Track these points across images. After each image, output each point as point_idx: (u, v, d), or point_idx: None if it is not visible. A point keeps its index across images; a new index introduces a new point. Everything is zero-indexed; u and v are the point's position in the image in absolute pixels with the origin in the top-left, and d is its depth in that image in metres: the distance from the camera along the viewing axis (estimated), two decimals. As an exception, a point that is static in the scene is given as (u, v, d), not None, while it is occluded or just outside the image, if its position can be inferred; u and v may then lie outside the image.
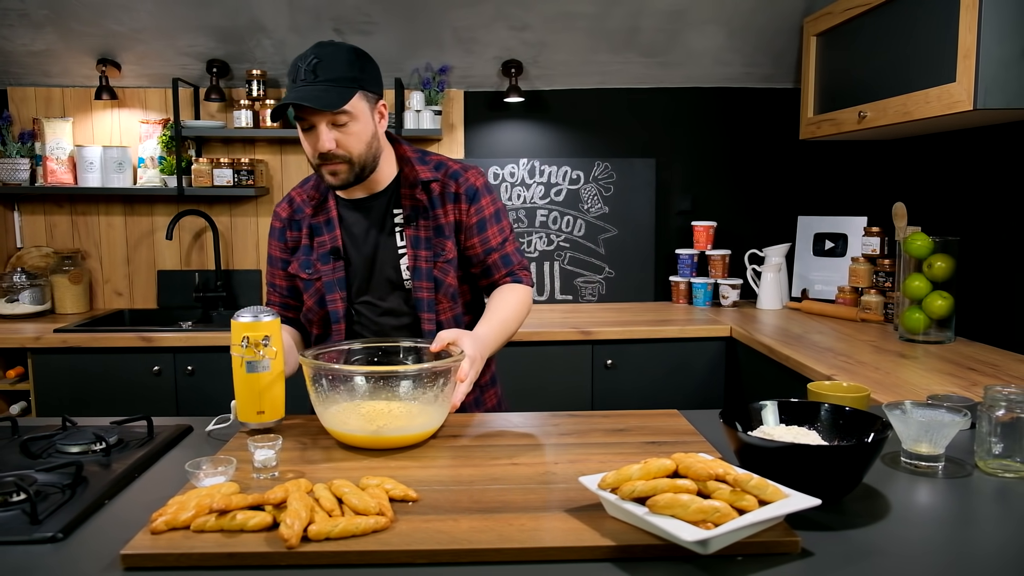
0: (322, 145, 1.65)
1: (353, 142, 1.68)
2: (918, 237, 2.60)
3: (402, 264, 1.82)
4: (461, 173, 1.85)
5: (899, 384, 2.05)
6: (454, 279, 1.85)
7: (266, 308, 1.54)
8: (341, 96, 1.63)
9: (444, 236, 1.82)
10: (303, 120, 1.66)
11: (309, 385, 1.48)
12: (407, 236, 1.81)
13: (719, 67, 3.49)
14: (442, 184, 1.83)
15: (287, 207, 1.89)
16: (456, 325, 1.87)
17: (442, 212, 1.82)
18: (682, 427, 1.60)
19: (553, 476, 1.32)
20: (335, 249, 1.82)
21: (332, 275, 1.82)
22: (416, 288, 1.82)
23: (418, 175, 1.81)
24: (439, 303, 1.84)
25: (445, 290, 1.83)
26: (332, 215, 1.83)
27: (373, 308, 1.85)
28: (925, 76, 2.33)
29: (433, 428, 1.50)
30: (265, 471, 1.32)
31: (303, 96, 1.60)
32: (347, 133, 1.66)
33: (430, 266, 1.81)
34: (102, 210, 3.48)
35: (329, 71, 1.62)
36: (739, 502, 1.07)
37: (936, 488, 1.30)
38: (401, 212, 1.82)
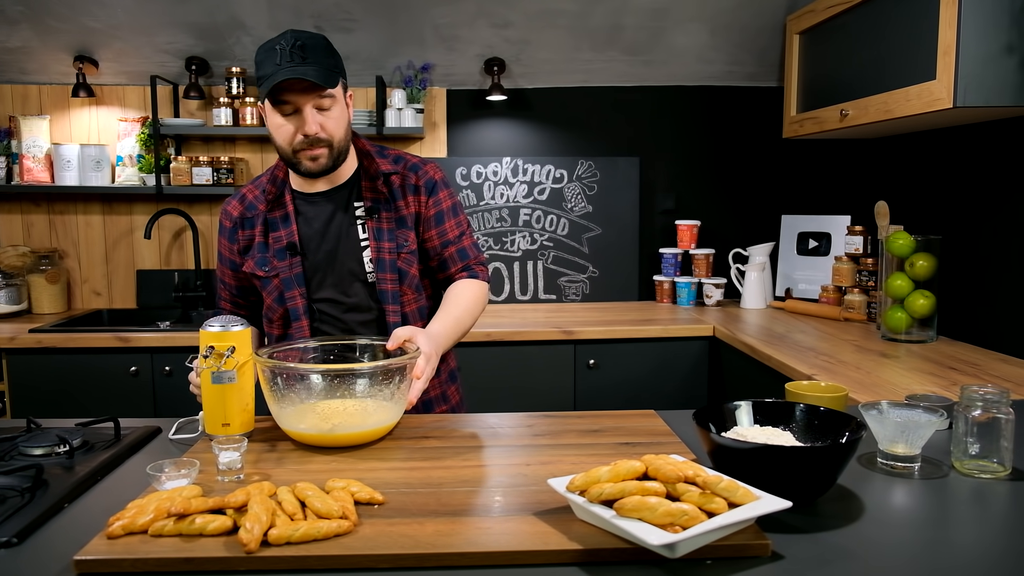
0: (309, 127, 1.63)
1: (335, 127, 1.68)
2: (900, 236, 2.59)
3: (365, 257, 1.80)
4: (420, 166, 1.85)
5: (879, 384, 2.04)
6: (417, 270, 1.84)
7: (237, 318, 1.51)
8: (331, 76, 1.63)
9: (406, 227, 1.81)
10: (286, 104, 1.63)
11: (264, 385, 1.46)
12: (369, 228, 1.79)
13: (702, 65, 3.47)
14: (402, 176, 1.82)
15: (238, 205, 1.85)
16: (420, 317, 1.86)
17: (403, 204, 1.81)
18: (658, 428, 1.59)
19: (524, 478, 1.30)
20: (291, 245, 1.79)
21: (290, 271, 1.79)
22: (380, 280, 1.79)
23: (379, 167, 1.81)
24: (403, 295, 1.82)
25: (409, 281, 1.82)
26: (288, 210, 1.80)
27: (336, 305, 1.82)
28: (906, 74, 2.32)
29: (389, 425, 1.49)
30: (230, 473, 1.29)
31: (301, 72, 1.57)
32: (330, 117, 1.66)
33: (394, 257, 1.79)
34: (80, 209, 3.44)
35: (314, 54, 1.61)
36: (708, 505, 1.05)
37: (912, 489, 1.29)
38: (363, 204, 1.80)
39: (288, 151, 1.69)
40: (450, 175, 3.52)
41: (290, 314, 1.80)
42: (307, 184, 1.80)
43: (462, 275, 1.87)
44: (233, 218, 1.85)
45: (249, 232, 1.83)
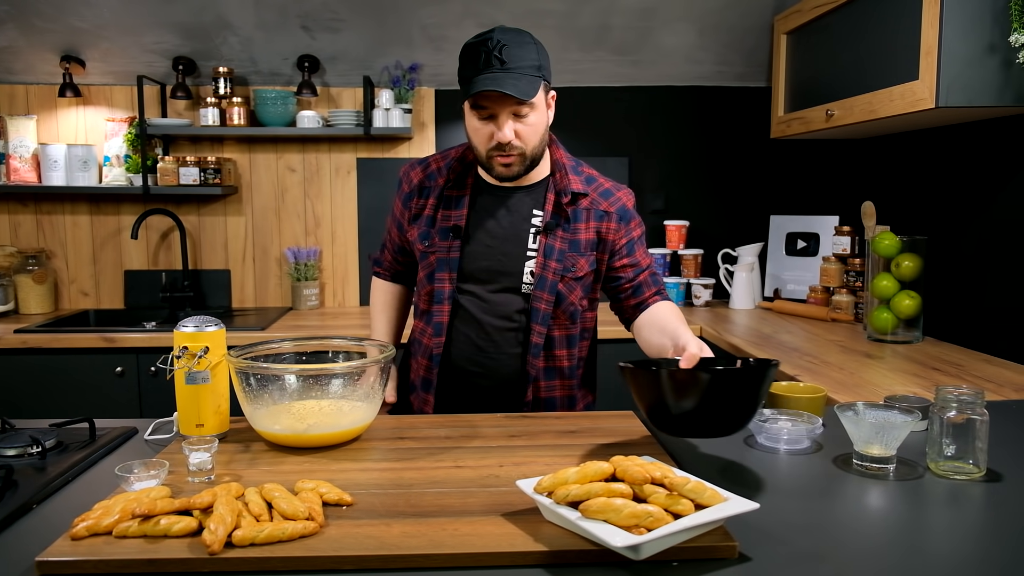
0: (503, 136, 1.61)
1: (531, 134, 1.65)
2: (886, 236, 2.59)
3: (527, 268, 1.76)
4: (613, 192, 1.81)
5: (861, 384, 2.04)
6: (577, 298, 1.79)
7: (212, 319, 1.50)
8: (531, 85, 1.58)
9: (579, 252, 1.76)
10: (484, 108, 1.61)
11: (236, 386, 1.45)
12: (541, 242, 1.75)
13: (691, 65, 3.47)
14: (591, 200, 1.77)
15: (420, 173, 1.84)
16: (569, 347, 1.82)
17: (583, 227, 1.76)
18: (635, 429, 1.58)
19: (496, 479, 1.30)
20: (456, 228, 1.76)
21: (447, 253, 1.77)
22: (535, 298, 1.75)
23: (570, 184, 1.76)
24: (556, 318, 1.77)
25: (566, 307, 1.77)
26: (467, 192, 1.78)
27: (478, 303, 1.77)
28: (889, 74, 2.32)
29: (364, 425, 1.49)
30: (200, 474, 1.29)
31: (499, 83, 1.54)
32: (526, 124, 1.63)
33: (556, 279, 1.74)
34: (67, 209, 3.43)
35: (517, 58, 1.58)
36: (675, 506, 1.04)
37: (886, 491, 1.28)
38: (542, 216, 1.76)
39: (483, 154, 1.67)
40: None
41: (434, 295, 1.79)
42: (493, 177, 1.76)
43: (656, 299, 1.82)
44: (412, 184, 1.84)
45: (422, 202, 1.82)
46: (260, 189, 3.50)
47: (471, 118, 1.65)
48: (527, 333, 1.77)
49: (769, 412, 1.57)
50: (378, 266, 2.04)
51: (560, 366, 1.82)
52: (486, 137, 1.64)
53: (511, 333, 1.78)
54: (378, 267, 2.04)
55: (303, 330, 3.01)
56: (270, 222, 3.51)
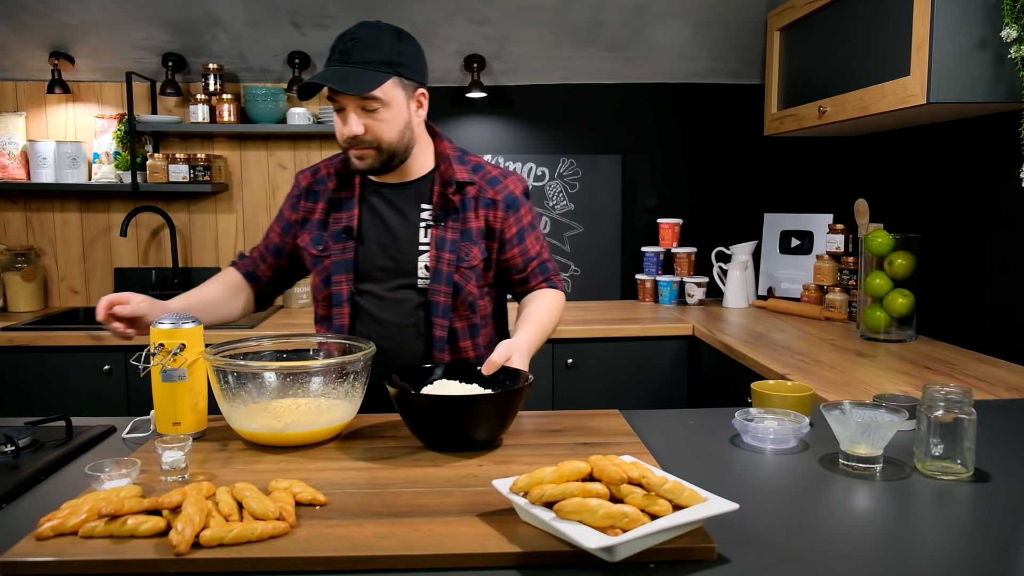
0: (349, 129, 1.61)
1: (383, 129, 1.63)
2: (879, 234, 2.56)
3: (420, 262, 1.75)
4: (500, 180, 1.80)
5: (852, 383, 2.02)
6: (475, 287, 1.79)
7: (189, 316, 1.48)
8: (372, 80, 1.57)
9: (471, 240, 1.76)
10: (335, 101, 1.62)
11: (214, 384, 1.43)
12: (432, 235, 1.75)
13: (684, 62, 3.45)
14: (479, 188, 1.77)
15: (309, 177, 1.85)
16: (471, 336, 1.82)
17: (473, 216, 1.76)
18: (619, 428, 1.56)
19: (474, 479, 1.27)
20: (348, 228, 1.76)
21: (341, 255, 1.76)
22: (433, 291, 1.75)
23: (455, 174, 1.76)
24: (456, 310, 1.77)
25: (464, 297, 1.77)
26: (355, 193, 1.78)
27: (377, 301, 1.77)
28: (881, 70, 2.30)
29: (343, 423, 1.47)
30: (173, 473, 1.27)
31: (329, 76, 1.56)
32: (377, 119, 1.62)
33: (451, 270, 1.74)
34: (57, 206, 3.41)
35: (364, 52, 1.57)
36: (652, 507, 1.02)
37: (872, 491, 1.26)
38: (431, 209, 1.76)
39: (342, 146, 1.68)
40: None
41: (333, 299, 1.78)
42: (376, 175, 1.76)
43: (542, 286, 1.86)
44: (301, 188, 1.84)
45: (311, 205, 1.82)
46: (251, 186, 3.47)
47: (333, 112, 1.67)
48: (429, 328, 1.76)
49: (756, 411, 1.55)
50: (239, 259, 1.96)
51: (467, 357, 1.81)
52: (340, 131, 1.65)
53: (412, 329, 1.77)
54: (237, 261, 1.95)
55: (292, 328, 2.99)
56: (261, 220, 3.48)
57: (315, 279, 1.82)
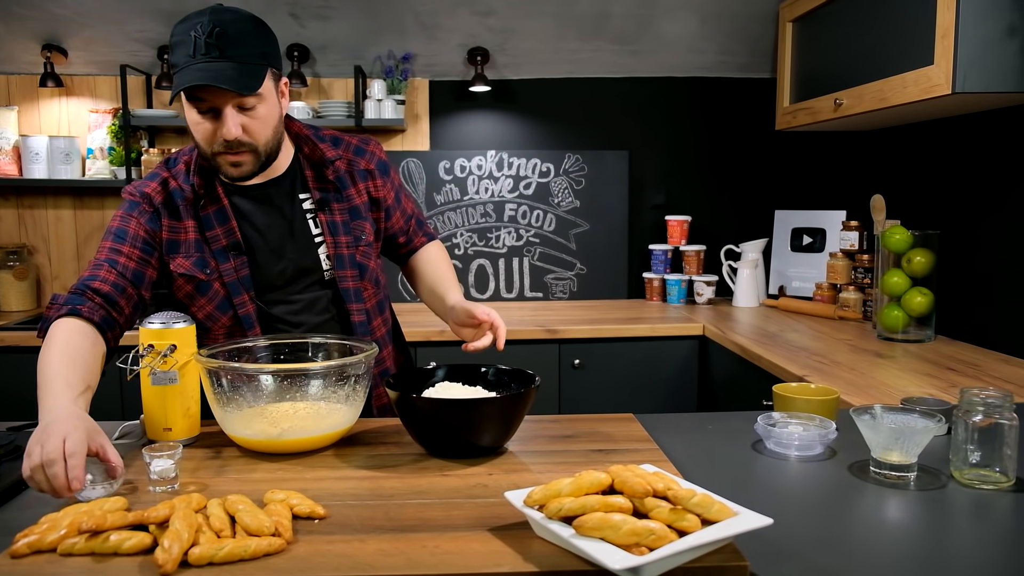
0: (228, 132, 1.43)
1: (260, 128, 1.47)
2: (897, 231, 2.48)
3: (321, 253, 1.65)
4: (364, 148, 1.71)
5: (874, 385, 1.93)
6: (375, 262, 1.74)
7: (180, 315, 1.40)
8: (254, 76, 1.41)
9: (361, 217, 1.68)
10: (201, 101, 1.42)
11: (207, 387, 1.35)
12: (322, 222, 1.64)
13: (693, 55, 3.37)
14: (348, 161, 1.67)
15: (160, 189, 1.56)
16: (380, 312, 1.76)
17: (354, 192, 1.67)
18: (635, 433, 1.48)
19: (484, 489, 1.19)
20: (235, 244, 1.58)
21: (235, 274, 1.59)
22: (340, 279, 1.66)
23: (323, 153, 1.64)
24: (365, 290, 1.70)
25: (370, 275, 1.71)
26: (224, 203, 1.57)
27: (288, 306, 1.66)
28: (902, 60, 2.22)
29: (343, 429, 1.39)
30: (162, 483, 1.19)
31: (214, 76, 1.36)
32: (254, 118, 1.46)
33: (352, 252, 1.66)
34: (50, 203, 3.33)
35: (235, 45, 1.39)
36: (679, 522, 0.94)
37: (907, 501, 1.19)
38: (310, 196, 1.64)
39: (207, 152, 1.48)
40: (433, 169, 3.41)
41: (242, 322, 1.61)
42: None
43: (422, 240, 1.85)
44: (155, 202, 1.56)
45: (176, 224, 1.57)
46: (249, 183, 3.39)
47: (190, 112, 1.45)
48: (344, 317, 1.68)
49: (779, 415, 1.47)
50: (76, 304, 1.45)
51: (380, 335, 1.75)
52: (209, 134, 1.45)
53: (329, 324, 1.68)
54: (75, 306, 1.45)
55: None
56: (259, 217, 3.40)
57: (207, 307, 1.60)
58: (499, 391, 1.46)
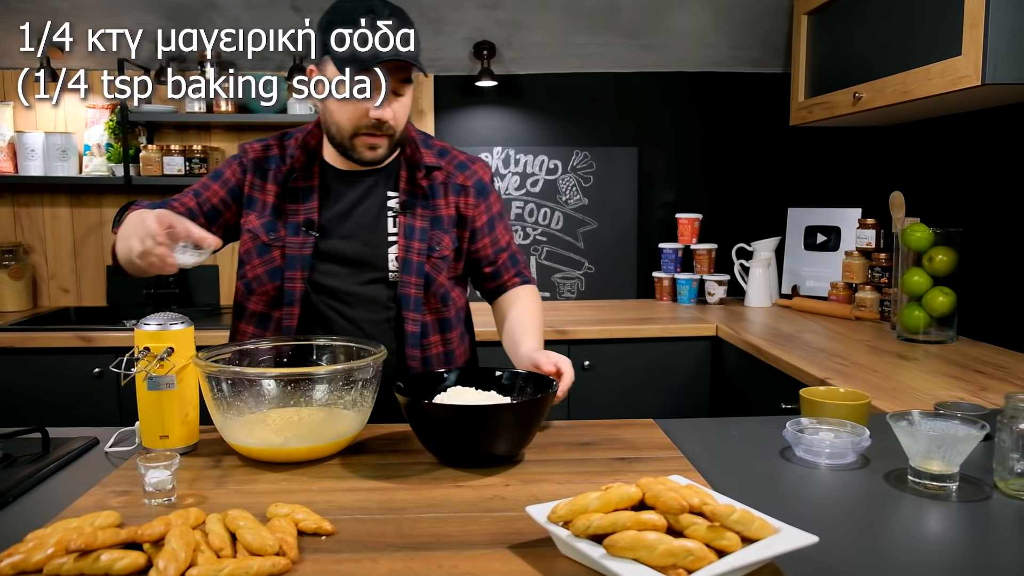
0: (381, 113, 1.47)
1: (403, 115, 1.53)
2: (918, 228, 2.41)
3: (391, 253, 1.62)
4: (468, 165, 1.70)
5: (900, 389, 1.86)
6: (446, 279, 1.68)
7: (178, 316, 1.32)
8: (415, 60, 1.43)
9: (442, 229, 1.65)
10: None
11: (206, 392, 1.28)
12: (401, 224, 1.62)
13: (704, 50, 3.29)
14: (447, 173, 1.66)
15: (259, 151, 1.64)
16: (443, 330, 1.69)
17: (443, 202, 1.65)
18: (657, 440, 1.41)
19: (501, 501, 1.12)
20: (309, 222, 1.59)
21: (299, 250, 1.59)
22: (403, 283, 1.62)
23: (423, 158, 1.64)
24: (427, 302, 1.65)
25: (435, 289, 1.65)
26: (315, 183, 1.61)
27: (345, 298, 1.61)
28: (927, 51, 2.14)
29: (350, 436, 1.31)
30: (159, 496, 1.11)
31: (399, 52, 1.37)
32: (403, 105, 1.52)
33: (422, 260, 1.62)
34: (47, 201, 3.25)
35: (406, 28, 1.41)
36: (718, 541, 0.87)
37: (949, 513, 1.12)
38: (398, 196, 1.63)
39: (348, 132, 1.51)
40: (438, 166, 3.33)
41: (284, 295, 1.60)
42: (342, 160, 1.61)
43: (514, 281, 1.75)
44: (248, 159, 1.64)
45: (258, 183, 1.62)
46: (250, 180, 3.32)
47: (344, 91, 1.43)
48: (400, 323, 1.63)
49: (807, 421, 1.40)
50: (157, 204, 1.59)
51: (435, 353, 1.69)
52: (359, 114, 1.48)
53: (383, 326, 1.63)
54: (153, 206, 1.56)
55: (294, 329, 2.83)
56: (260, 215, 3.32)
57: (256, 269, 1.62)
58: (513, 395, 1.39)
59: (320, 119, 1.60)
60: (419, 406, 1.24)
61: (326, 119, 1.55)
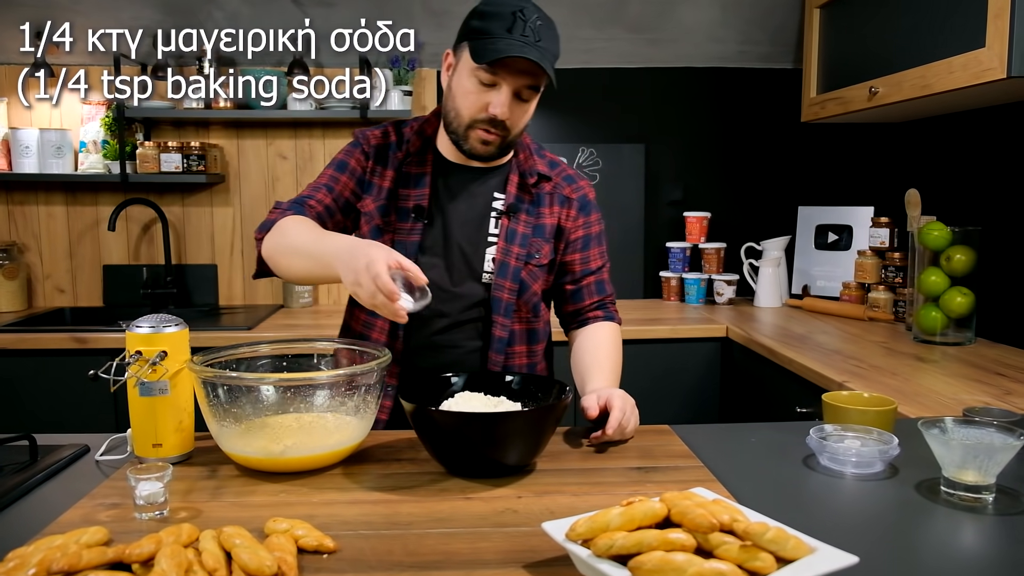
0: (502, 111, 1.45)
1: (521, 120, 1.51)
2: (935, 227, 2.34)
3: (488, 254, 1.60)
4: (576, 179, 1.69)
5: (922, 393, 1.79)
6: (540, 289, 1.65)
7: (173, 317, 1.26)
8: (549, 70, 1.42)
9: (543, 237, 1.63)
10: (495, 75, 1.42)
11: (201, 398, 1.21)
12: (503, 226, 1.60)
13: (713, 44, 3.22)
14: (554, 184, 1.65)
15: (379, 137, 1.63)
16: (529, 341, 1.67)
17: (547, 211, 1.64)
18: (675, 448, 1.34)
19: (514, 515, 1.06)
20: (419, 208, 1.58)
21: (407, 236, 1.57)
22: (497, 286, 1.59)
23: (535, 165, 1.64)
24: (517, 310, 1.63)
25: (528, 297, 1.63)
26: (427, 171, 1.60)
27: (438, 292, 1.55)
28: (949, 43, 2.07)
29: (353, 445, 1.25)
30: (150, 509, 1.05)
31: (540, 56, 1.39)
32: (524, 110, 1.50)
33: (519, 265, 1.60)
34: (41, 199, 3.18)
35: (549, 40, 1.43)
36: (751, 562, 0.80)
37: (985, 526, 1.06)
38: (504, 199, 1.61)
39: (465, 120, 1.49)
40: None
41: None
42: (455, 152, 1.59)
43: (596, 313, 1.71)
44: (371, 145, 1.62)
45: (379, 169, 1.61)
46: (249, 177, 3.25)
47: (469, 79, 1.46)
48: (487, 326, 1.60)
49: (831, 428, 1.33)
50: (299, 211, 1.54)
51: (519, 363, 1.67)
52: (479, 105, 1.47)
53: (471, 326, 1.61)
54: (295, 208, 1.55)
55: (294, 330, 2.77)
56: (260, 213, 3.26)
57: None
58: (525, 402, 1.33)
59: (441, 105, 1.58)
60: (426, 413, 1.17)
61: (447, 104, 1.53)
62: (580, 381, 1.60)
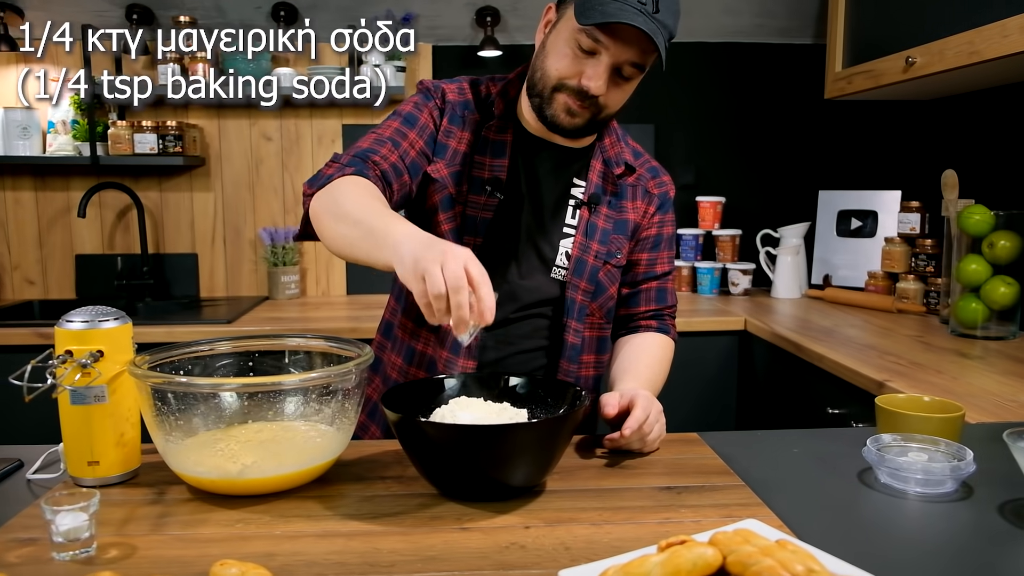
0: (592, 82, 1.23)
1: (618, 99, 1.31)
2: (976, 211, 2.14)
3: (563, 246, 1.40)
4: (660, 172, 1.52)
5: (975, 393, 1.60)
6: (616, 291, 1.47)
7: (112, 310, 1.05)
8: (662, 46, 1.20)
9: (624, 235, 1.44)
10: (596, 42, 1.21)
11: (145, 408, 1.01)
12: (582, 218, 1.40)
13: (727, 18, 3.02)
14: (638, 176, 1.47)
15: (456, 94, 1.40)
16: (599, 351, 1.48)
17: (630, 206, 1.45)
18: (708, 461, 1.15)
19: (521, 553, 0.86)
20: (496, 180, 1.36)
21: (480, 211, 1.36)
22: (571, 286, 1.39)
23: (622, 152, 1.44)
24: (590, 314, 1.43)
25: (604, 301, 1.44)
26: (507, 139, 1.38)
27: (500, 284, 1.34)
28: (999, 3, 1.87)
29: (328, 461, 1.04)
30: (70, 548, 0.85)
31: (655, 31, 1.17)
32: (622, 88, 1.28)
33: (598, 265, 1.41)
34: (7, 184, 2.97)
35: (668, 13, 1.20)
36: (842, 634, 0.60)
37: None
38: (585, 188, 1.41)
39: (552, 82, 1.28)
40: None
41: None
42: (536, 123, 1.36)
43: (650, 323, 1.51)
44: (446, 100, 1.38)
45: (454, 129, 1.37)
46: (231, 160, 3.04)
47: (567, 42, 1.24)
48: (557, 330, 1.40)
49: (889, 438, 1.14)
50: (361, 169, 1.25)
51: (585, 375, 1.47)
52: (572, 72, 1.26)
53: (534, 325, 1.40)
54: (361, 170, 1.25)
55: (278, 323, 2.57)
56: (243, 199, 3.06)
57: (440, 225, 1.37)
58: (532, 409, 1.12)
59: (529, 64, 1.35)
60: (414, 424, 0.97)
61: (535, 62, 1.32)
62: (614, 380, 1.39)
